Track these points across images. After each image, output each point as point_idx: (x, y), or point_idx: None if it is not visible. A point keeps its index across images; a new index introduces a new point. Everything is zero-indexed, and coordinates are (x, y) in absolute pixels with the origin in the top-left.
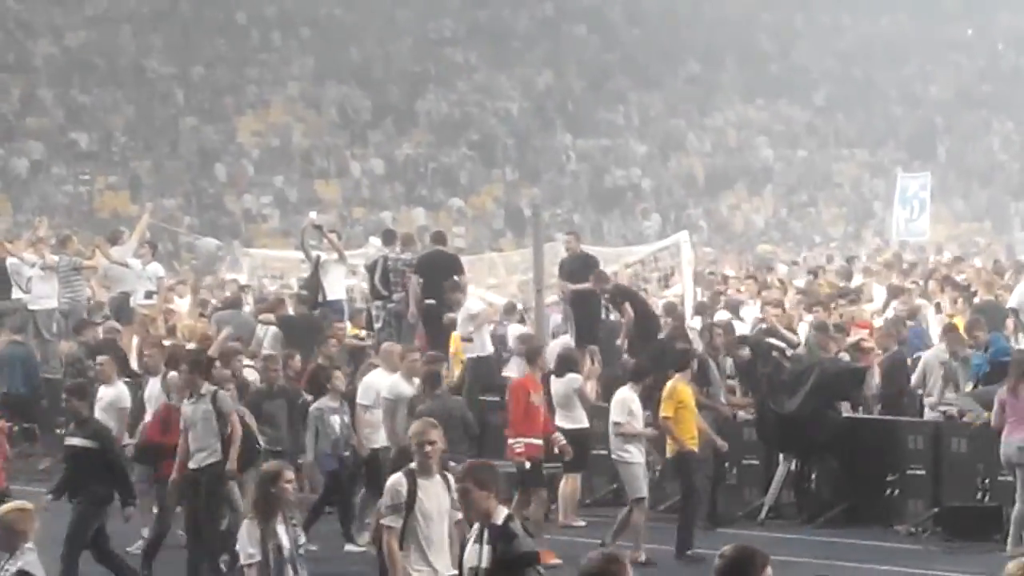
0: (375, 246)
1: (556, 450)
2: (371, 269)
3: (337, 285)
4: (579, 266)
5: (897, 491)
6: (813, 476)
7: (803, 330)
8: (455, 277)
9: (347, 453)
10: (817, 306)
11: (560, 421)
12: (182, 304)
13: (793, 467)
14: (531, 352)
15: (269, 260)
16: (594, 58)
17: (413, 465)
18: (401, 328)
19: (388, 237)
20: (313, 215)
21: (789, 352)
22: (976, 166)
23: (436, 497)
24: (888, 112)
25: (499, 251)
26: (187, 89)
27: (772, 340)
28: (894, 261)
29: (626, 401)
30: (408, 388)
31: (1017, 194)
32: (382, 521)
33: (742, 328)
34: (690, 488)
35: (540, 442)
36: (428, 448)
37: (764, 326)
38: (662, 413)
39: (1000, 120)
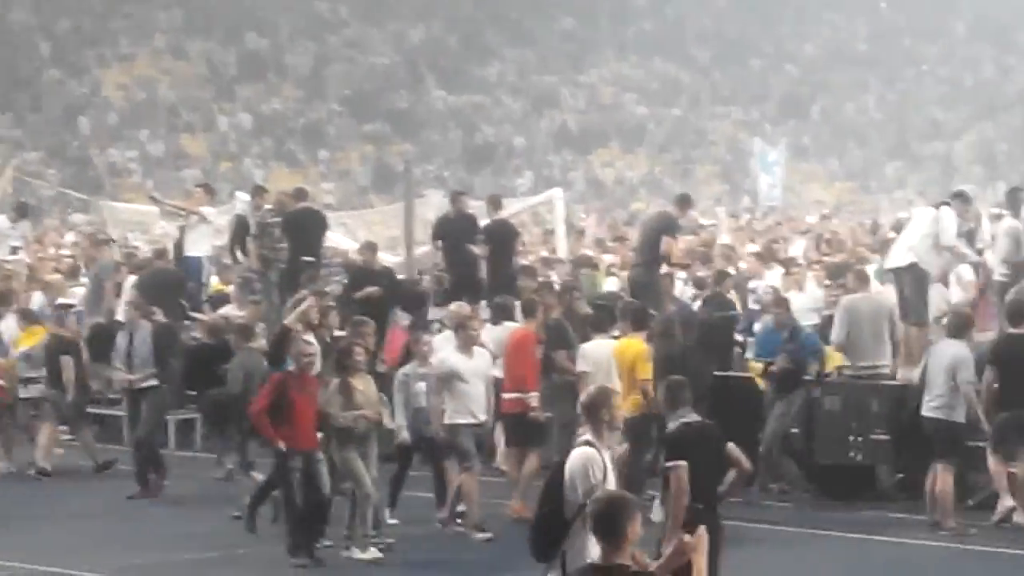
0: (243, 201)
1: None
2: (236, 226)
3: (197, 243)
4: (465, 226)
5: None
6: None
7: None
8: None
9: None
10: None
11: None
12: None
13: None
14: (528, 305)
15: (133, 214)
16: (467, 13)
17: None
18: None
19: (255, 192)
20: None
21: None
22: (851, 125)
23: None
24: (763, 70)
25: (369, 207)
26: (51, 41)
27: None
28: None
29: None
30: None
31: (891, 153)
32: None
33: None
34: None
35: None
36: None
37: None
38: (642, 376)
39: (876, 79)
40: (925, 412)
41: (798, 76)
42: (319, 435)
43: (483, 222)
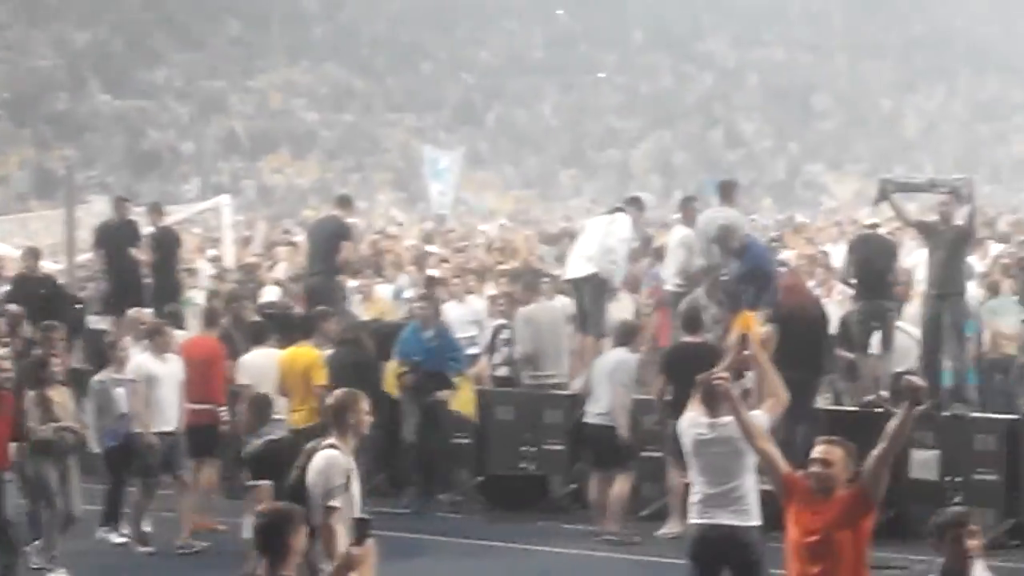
0: None
1: None
2: None
3: None
4: (127, 232)
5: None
6: None
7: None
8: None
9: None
10: None
11: None
12: None
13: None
14: (209, 313)
15: None
16: (134, 16)
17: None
18: None
19: None
20: None
21: None
22: (526, 132)
23: None
24: (437, 77)
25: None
26: None
27: None
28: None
29: None
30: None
31: (567, 161)
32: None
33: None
34: None
35: None
36: None
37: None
38: (318, 383)
39: (552, 86)
40: (588, 420)
41: (473, 83)
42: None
43: (148, 230)
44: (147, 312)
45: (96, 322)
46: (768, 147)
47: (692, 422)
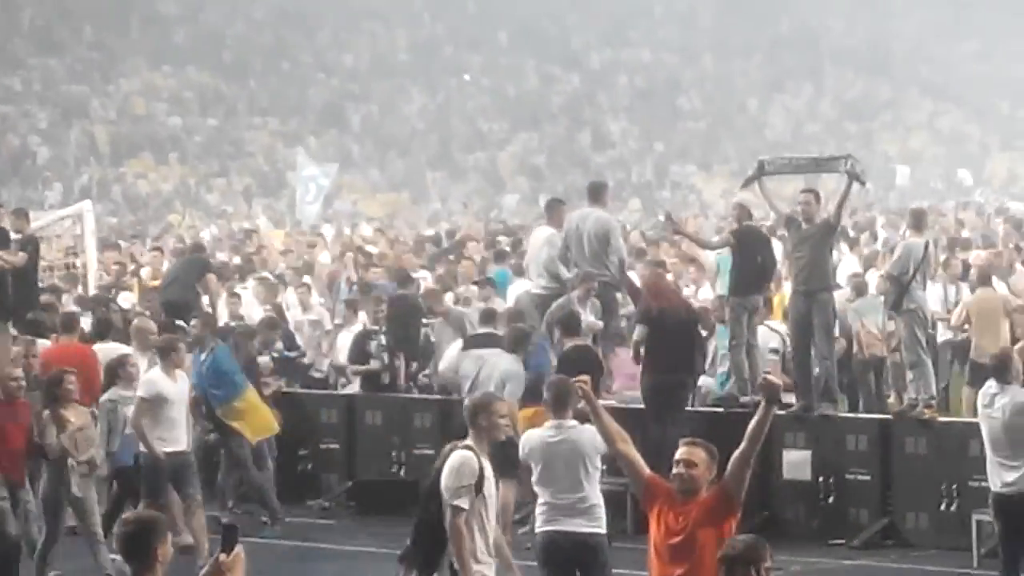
0: None
1: None
2: None
3: None
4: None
5: (311, 465)
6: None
7: None
8: None
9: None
10: None
11: None
12: None
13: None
14: (66, 320)
15: None
16: None
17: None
18: None
19: None
20: None
21: None
22: (393, 135)
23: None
24: (302, 80)
25: None
26: None
27: None
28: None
29: None
30: None
31: (434, 163)
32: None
33: None
34: None
35: None
36: None
37: None
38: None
39: (417, 88)
40: None
41: (338, 86)
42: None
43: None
44: (151, 325)
45: None
46: (635, 148)
47: (540, 431)
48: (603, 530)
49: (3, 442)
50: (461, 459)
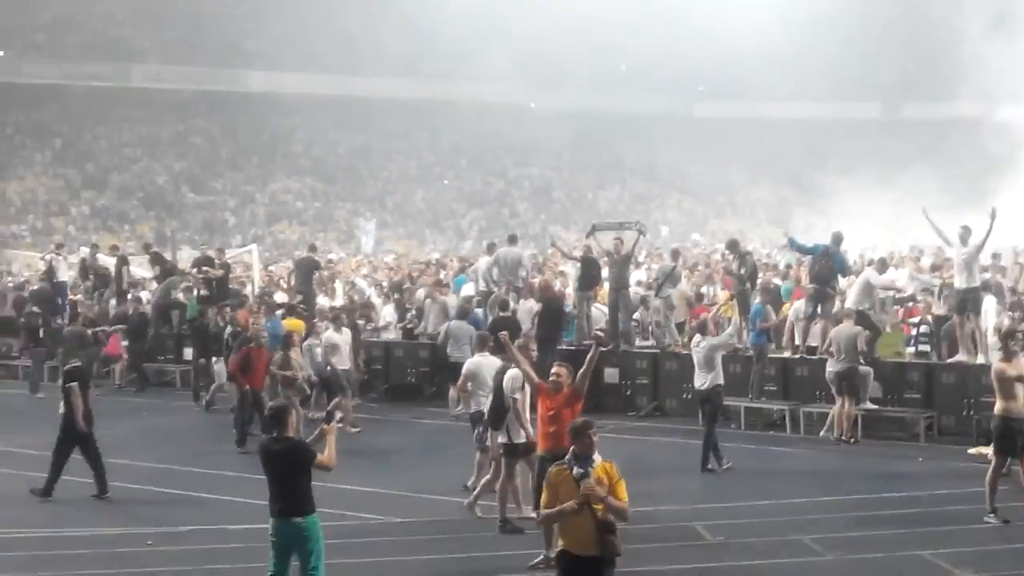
0: None
1: None
2: None
3: None
4: None
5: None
6: None
7: None
8: None
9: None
10: None
11: None
12: None
13: None
14: None
15: None
16: None
17: None
18: None
19: None
20: None
21: None
22: (407, 211)
23: None
24: (365, 180)
25: None
26: None
27: None
28: None
29: None
30: None
31: (429, 225)
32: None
33: None
34: None
35: None
36: None
37: None
38: None
39: (422, 190)
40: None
41: (380, 187)
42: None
43: None
44: (326, 306)
45: None
46: (536, 227)
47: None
48: None
49: (255, 370)
50: (514, 372)
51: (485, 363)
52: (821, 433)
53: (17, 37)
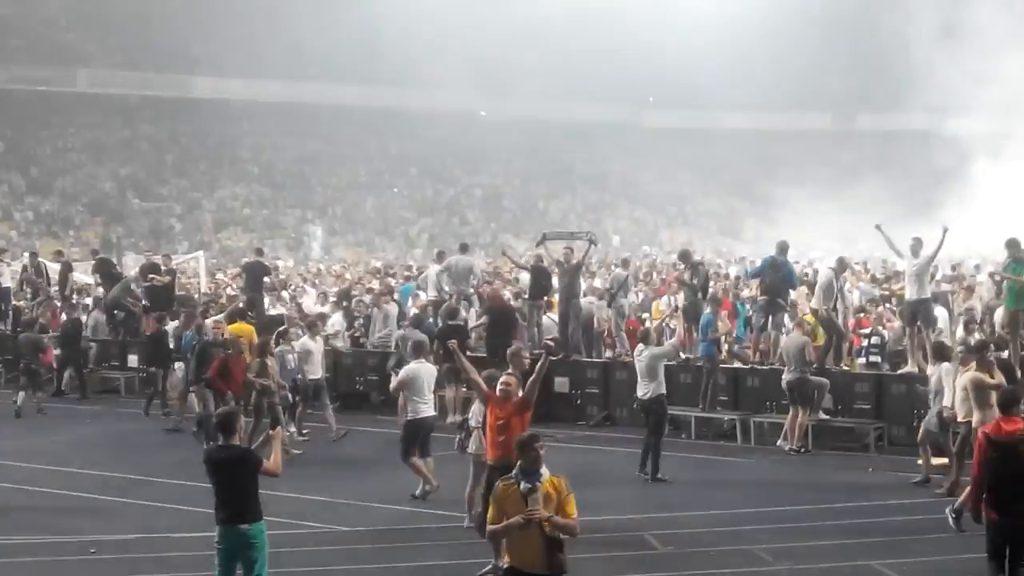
0: None
1: None
2: None
3: None
4: None
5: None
6: None
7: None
8: None
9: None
10: None
11: None
12: None
13: None
14: None
15: None
16: None
17: None
18: None
19: None
20: None
21: None
22: (357, 219)
23: None
24: (314, 189)
25: None
26: None
27: None
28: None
29: None
30: None
31: (380, 233)
32: None
33: None
34: None
35: None
36: None
37: None
38: None
39: (372, 198)
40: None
41: (330, 195)
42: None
43: None
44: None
45: None
46: (488, 237)
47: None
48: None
49: (234, 377)
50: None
51: (423, 370)
52: (777, 443)
53: None
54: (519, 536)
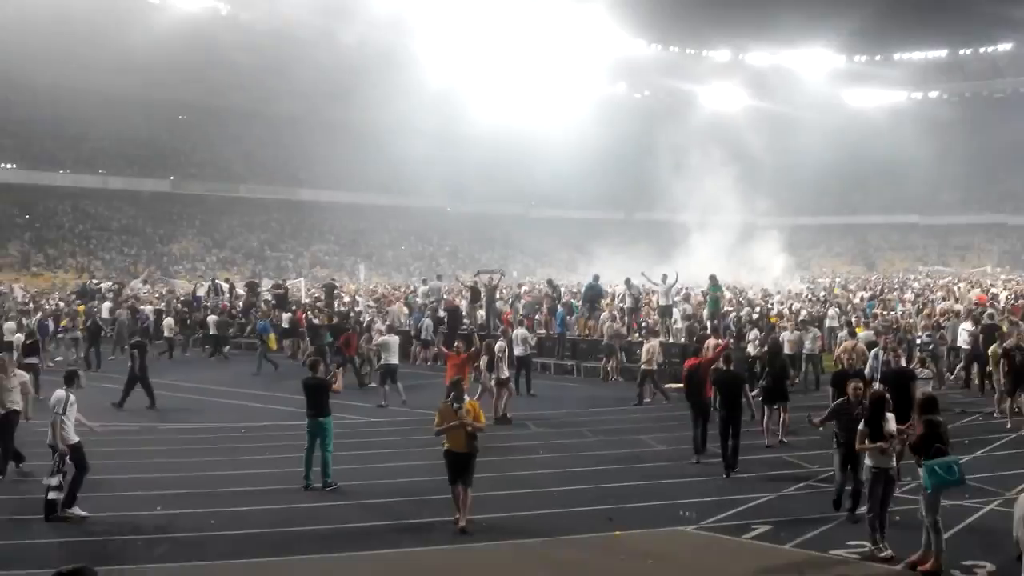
0: None
1: None
2: None
3: None
4: None
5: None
6: None
7: None
8: None
9: None
10: None
11: None
12: None
13: None
14: None
15: None
16: None
17: None
18: None
19: None
20: None
21: None
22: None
23: None
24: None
25: None
26: None
27: None
28: None
29: None
30: None
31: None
32: None
33: None
34: None
35: None
36: None
37: None
38: None
39: (334, 238)
40: None
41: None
42: None
43: None
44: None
45: None
46: (454, 268)
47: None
48: None
49: (351, 345)
50: (499, 345)
51: (391, 340)
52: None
53: None
54: (453, 432)
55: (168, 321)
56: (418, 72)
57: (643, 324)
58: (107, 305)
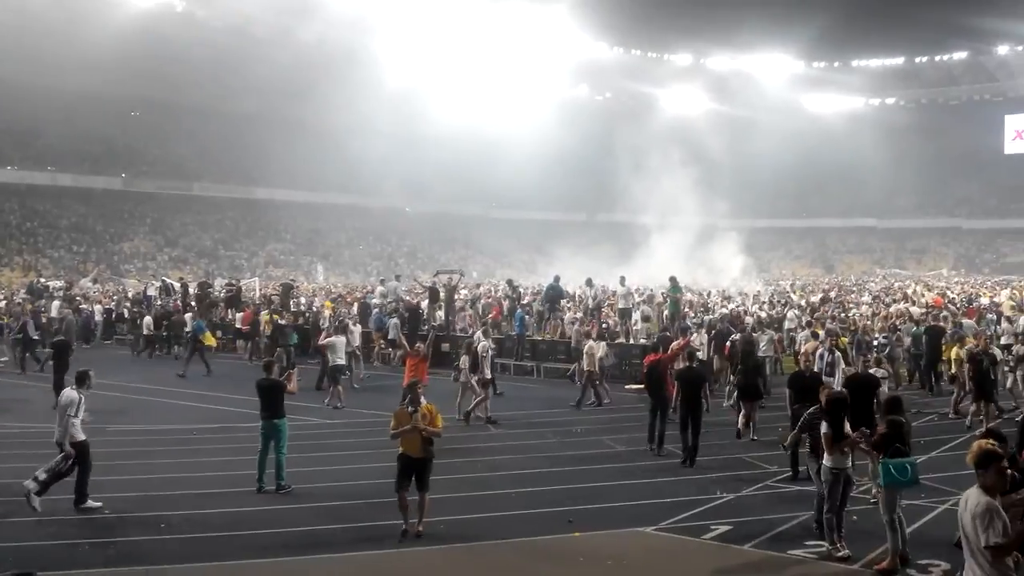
0: None
1: None
2: None
3: None
4: None
5: None
6: None
7: None
8: None
9: None
10: None
11: None
12: None
13: None
14: None
15: None
16: None
17: None
18: None
19: None
20: None
21: None
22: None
23: None
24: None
25: None
26: None
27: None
28: None
29: None
30: None
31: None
32: None
33: None
34: None
35: None
36: None
37: None
38: None
39: (289, 236)
40: None
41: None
42: None
43: None
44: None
45: None
46: (414, 268)
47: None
48: None
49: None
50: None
51: (338, 340)
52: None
53: None
54: (408, 436)
55: (147, 320)
56: (378, 71)
57: (604, 325)
58: (56, 304)
